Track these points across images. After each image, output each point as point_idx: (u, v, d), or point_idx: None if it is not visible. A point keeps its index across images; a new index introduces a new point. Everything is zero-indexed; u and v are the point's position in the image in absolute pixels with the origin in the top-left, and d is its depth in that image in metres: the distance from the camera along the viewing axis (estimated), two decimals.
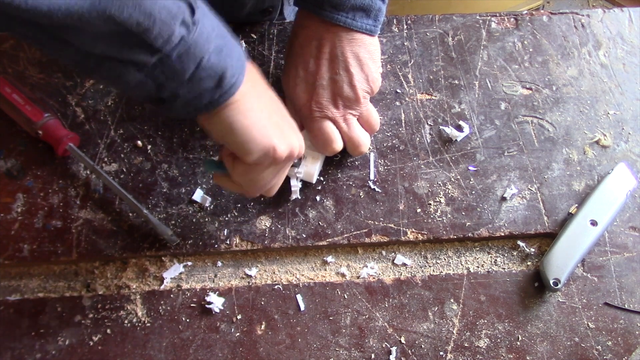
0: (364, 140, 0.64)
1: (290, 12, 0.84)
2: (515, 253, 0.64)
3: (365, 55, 0.62)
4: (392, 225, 0.64)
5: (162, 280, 0.62)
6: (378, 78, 0.64)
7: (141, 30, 0.41)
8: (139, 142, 0.68)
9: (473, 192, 0.66)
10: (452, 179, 0.67)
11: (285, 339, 0.59)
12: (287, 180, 0.65)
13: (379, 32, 0.63)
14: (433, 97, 0.72)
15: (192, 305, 0.61)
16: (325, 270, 0.64)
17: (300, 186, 0.65)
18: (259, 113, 0.51)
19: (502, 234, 0.64)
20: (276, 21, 0.78)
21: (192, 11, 0.44)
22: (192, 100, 0.48)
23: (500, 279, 0.62)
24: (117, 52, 0.43)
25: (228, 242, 0.63)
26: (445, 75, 0.73)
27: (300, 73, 0.62)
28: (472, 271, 0.63)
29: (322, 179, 0.67)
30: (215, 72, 0.46)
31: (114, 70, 0.45)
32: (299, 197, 0.65)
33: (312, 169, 0.65)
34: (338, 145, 0.63)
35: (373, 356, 0.59)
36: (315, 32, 0.62)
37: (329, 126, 0.62)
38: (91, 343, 0.59)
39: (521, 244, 0.64)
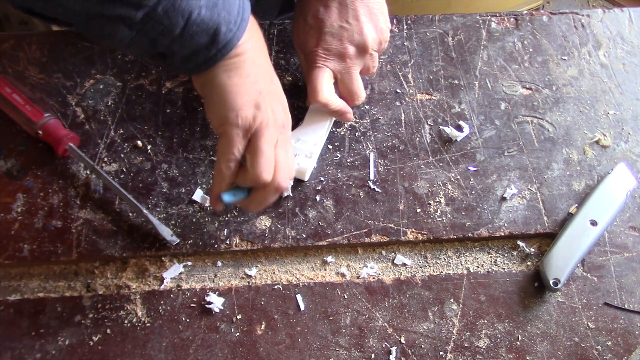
0: (362, 94, 0.66)
1: None
2: (515, 253, 0.64)
3: (374, 7, 0.63)
4: (392, 225, 0.64)
5: (162, 280, 0.62)
6: (386, 30, 0.64)
7: None
8: (139, 142, 0.68)
9: (473, 192, 0.66)
10: (452, 179, 0.67)
11: (285, 339, 0.59)
12: None
13: None
14: (433, 97, 0.72)
15: (192, 305, 0.61)
16: (325, 270, 0.64)
17: (292, 184, 0.65)
18: (245, 78, 0.50)
19: (502, 234, 0.64)
20: (276, 21, 0.78)
21: None
22: (189, 57, 0.47)
23: (500, 279, 0.62)
24: (98, 7, 0.41)
25: (228, 242, 0.63)
26: (445, 75, 0.73)
27: (309, 20, 0.63)
28: (472, 271, 0.63)
29: (322, 179, 0.67)
30: (207, 27, 0.45)
31: (104, 28, 0.43)
32: (291, 195, 0.65)
33: (304, 167, 0.65)
34: (322, 97, 0.62)
35: (373, 356, 0.59)
36: None
37: (324, 77, 0.62)
38: (91, 343, 0.59)
39: (521, 244, 0.64)
